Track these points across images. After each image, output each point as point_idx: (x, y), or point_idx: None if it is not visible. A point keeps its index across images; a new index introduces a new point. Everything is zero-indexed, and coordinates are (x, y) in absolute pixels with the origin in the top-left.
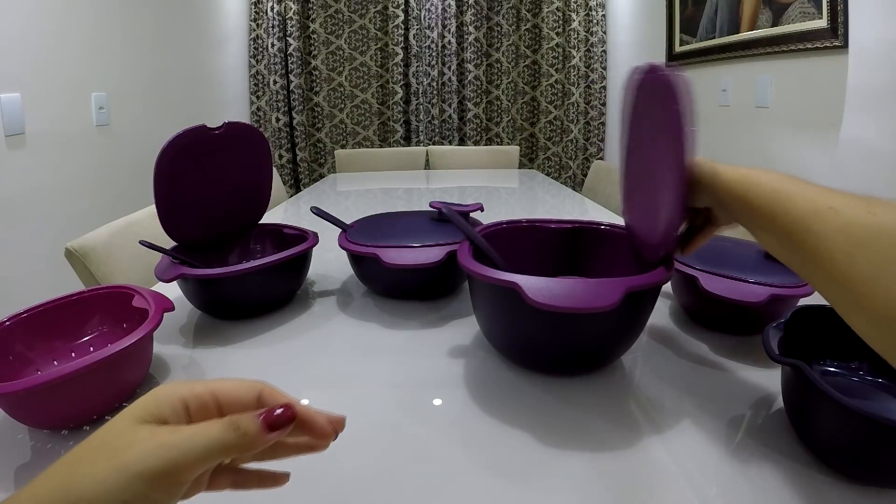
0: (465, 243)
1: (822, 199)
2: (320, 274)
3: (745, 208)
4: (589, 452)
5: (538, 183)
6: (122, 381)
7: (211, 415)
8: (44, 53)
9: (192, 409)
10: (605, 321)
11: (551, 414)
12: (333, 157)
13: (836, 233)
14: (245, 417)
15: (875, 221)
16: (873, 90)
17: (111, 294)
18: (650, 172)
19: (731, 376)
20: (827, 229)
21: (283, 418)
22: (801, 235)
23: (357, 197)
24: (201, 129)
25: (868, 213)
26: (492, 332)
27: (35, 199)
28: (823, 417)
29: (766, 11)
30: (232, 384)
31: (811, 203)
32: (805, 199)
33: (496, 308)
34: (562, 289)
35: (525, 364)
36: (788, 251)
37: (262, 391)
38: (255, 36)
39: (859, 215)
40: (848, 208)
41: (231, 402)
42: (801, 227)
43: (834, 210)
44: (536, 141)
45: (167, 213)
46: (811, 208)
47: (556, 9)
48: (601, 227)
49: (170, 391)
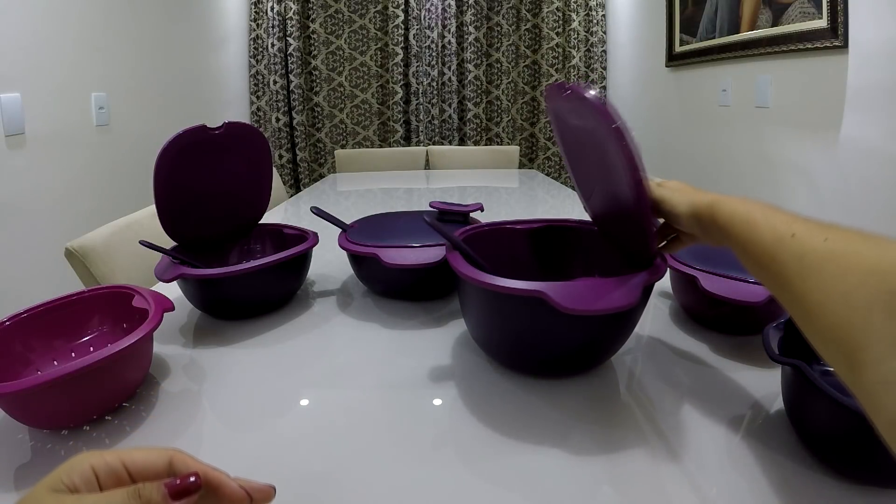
0: (455, 253)
1: (785, 227)
2: (320, 274)
3: (723, 238)
4: (589, 453)
5: (538, 183)
6: (122, 381)
7: (123, 483)
8: (44, 53)
9: (102, 478)
10: (614, 319)
11: (549, 415)
12: (333, 157)
13: (793, 259)
14: (149, 486)
15: (828, 248)
16: (873, 90)
17: (111, 294)
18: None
19: (731, 376)
20: (786, 256)
21: (189, 486)
22: (766, 261)
23: (357, 197)
24: (201, 129)
25: (823, 239)
26: (489, 340)
27: (35, 199)
28: (823, 417)
29: (766, 11)
30: (142, 453)
31: (774, 231)
32: (770, 228)
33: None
34: (585, 291)
35: (522, 369)
36: (760, 276)
37: (172, 458)
38: (255, 36)
39: (815, 242)
40: (806, 235)
41: (140, 470)
42: (767, 255)
43: (794, 237)
44: (536, 141)
45: (167, 213)
46: (776, 236)
47: (556, 9)
48: (575, 224)
49: (81, 460)
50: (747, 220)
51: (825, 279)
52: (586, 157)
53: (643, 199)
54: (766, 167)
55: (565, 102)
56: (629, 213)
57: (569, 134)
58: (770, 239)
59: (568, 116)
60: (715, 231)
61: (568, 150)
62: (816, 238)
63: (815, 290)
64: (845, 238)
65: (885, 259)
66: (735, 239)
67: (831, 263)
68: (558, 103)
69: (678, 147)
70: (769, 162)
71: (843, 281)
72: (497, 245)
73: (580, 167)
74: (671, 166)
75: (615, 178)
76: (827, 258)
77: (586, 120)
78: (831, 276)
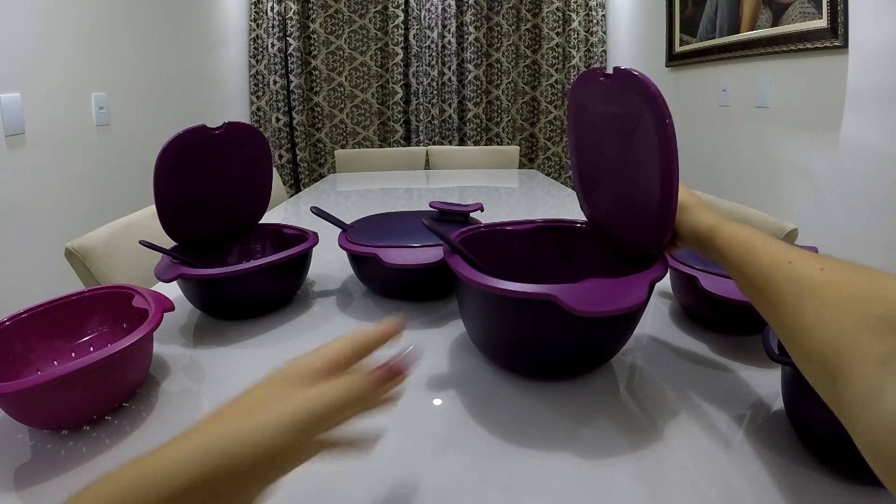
0: (455, 257)
1: (783, 254)
2: (320, 274)
3: (719, 259)
4: (589, 453)
5: (538, 183)
6: (122, 381)
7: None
8: (44, 53)
9: (324, 372)
10: (620, 319)
11: (549, 417)
12: (333, 157)
13: (789, 283)
14: (370, 371)
15: (824, 276)
16: (873, 90)
17: (111, 294)
18: (623, 171)
19: (731, 376)
20: (782, 280)
21: (395, 370)
22: (762, 284)
23: (357, 197)
24: (201, 129)
25: (820, 269)
26: (489, 342)
27: (35, 199)
28: (823, 417)
29: (766, 11)
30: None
31: (773, 256)
32: (768, 253)
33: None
34: (595, 293)
35: (522, 371)
36: (752, 297)
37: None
38: (255, 36)
39: (811, 270)
40: (803, 263)
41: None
42: (763, 277)
43: (791, 264)
44: (536, 141)
45: (167, 212)
46: (773, 261)
47: (556, 9)
48: (574, 224)
49: (300, 359)
50: (746, 245)
51: (819, 302)
52: (604, 148)
53: (674, 195)
54: (766, 167)
55: (599, 87)
56: (647, 208)
57: (588, 123)
58: (767, 263)
59: (596, 103)
60: (712, 252)
61: (580, 140)
62: (813, 266)
63: (809, 312)
64: (839, 268)
65: (874, 288)
66: (732, 262)
67: (826, 289)
68: (590, 88)
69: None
70: (769, 162)
71: (836, 305)
72: (494, 246)
73: (590, 159)
74: None
75: (639, 169)
76: (822, 284)
77: (622, 105)
78: (825, 300)
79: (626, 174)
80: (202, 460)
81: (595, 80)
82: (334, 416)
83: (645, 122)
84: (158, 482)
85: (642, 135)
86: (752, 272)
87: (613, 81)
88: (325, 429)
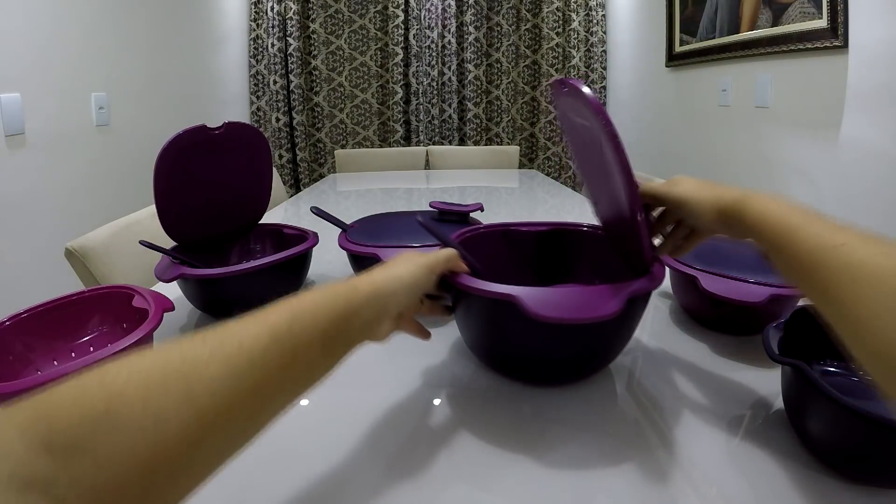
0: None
1: (829, 236)
2: (320, 274)
3: (751, 236)
4: (588, 454)
5: (538, 183)
6: None
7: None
8: (44, 53)
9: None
10: (602, 328)
11: (548, 416)
12: (333, 157)
13: (841, 272)
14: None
15: (886, 263)
16: (873, 90)
17: (111, 294)
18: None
19: (731, 376)
20: (832, 266)
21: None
22: (807, 270)
23: (357, 197)
24: (201, 129)
25: (881, 253)
26: (481, 346)
27: (35, 199)
28: (823, 417)
29: (766, 11)
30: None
31: (818, 239)
32: (811, 235)
33: (486, 322)
34: (561, 298)
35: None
36: (797, 283)
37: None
38: (255, 36)
39: (869, 255)
40: (855, 245)
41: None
42: (808, 263)
43: (842, 247)
44: (536, 141)
45: (167, 213)
46: (818, 244)
47: (556, 9)
48: (581, 228)
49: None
50: (784, 223)
51: (881, 294)
52: (590, 158)
53: (635, 204)
54: (766, 167)
55: (566, 99)
56: (626, 218)
57: (574, 132)
58: (812, 247)
59: (571, 115)
60: (743, 229)
61: (576, 150)
62: (870, 250)
63: (869, 304)
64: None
65: None
66: (768, 241)
67: (887, 278)
68: (561, 100)
69: (678, 147)
70: (769, 162)
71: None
72: (498, 248)
73: (587, 169)
74: (671, 166)
75: (613, 179)
76: (881, 273)
77: (584, 118)
78: (888, 292)
79: (608, 182)
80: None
81: (561, 91)
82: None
83: (598, 133)
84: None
85: (604, 146)
86: (793, 254)
87: (568, 94)
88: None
